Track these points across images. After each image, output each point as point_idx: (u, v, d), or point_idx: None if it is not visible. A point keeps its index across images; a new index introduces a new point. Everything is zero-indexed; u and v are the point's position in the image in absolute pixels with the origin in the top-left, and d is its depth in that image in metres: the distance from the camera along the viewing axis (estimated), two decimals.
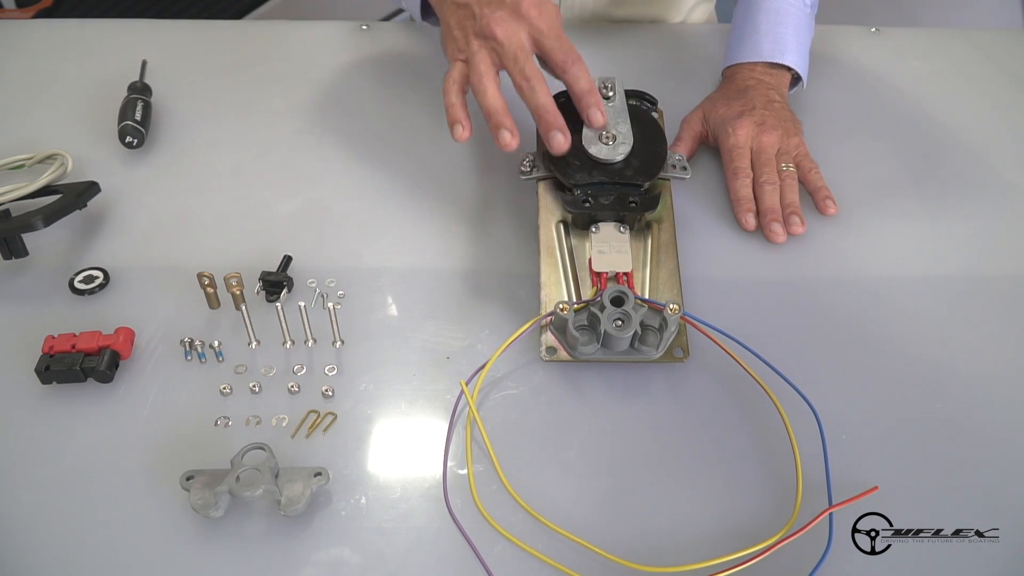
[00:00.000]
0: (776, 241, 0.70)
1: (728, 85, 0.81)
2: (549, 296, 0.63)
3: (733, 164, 0.74)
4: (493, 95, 0.62)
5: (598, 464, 0.57)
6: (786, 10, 0.81)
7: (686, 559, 0.51)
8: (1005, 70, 0.92)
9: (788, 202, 0.72)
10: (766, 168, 0.73)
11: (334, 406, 0.59)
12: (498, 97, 0.63)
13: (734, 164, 0.74)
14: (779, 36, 0.80)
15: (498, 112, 0.62)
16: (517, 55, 0.63)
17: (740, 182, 0.73)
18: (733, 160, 0.74)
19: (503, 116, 0.62)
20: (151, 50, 0.88)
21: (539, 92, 0.62)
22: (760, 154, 0.74)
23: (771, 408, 0.58)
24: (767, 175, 0.73)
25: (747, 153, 0.74)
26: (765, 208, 0.71)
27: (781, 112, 0.77)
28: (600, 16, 0.97)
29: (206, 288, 0.64)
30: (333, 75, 0.88)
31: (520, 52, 0.63)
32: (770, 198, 0.72)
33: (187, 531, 0.53)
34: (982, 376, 0.62)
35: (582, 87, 0.64)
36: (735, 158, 0.74)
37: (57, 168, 0.72)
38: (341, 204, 0.74)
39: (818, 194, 0.73)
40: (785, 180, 0.73)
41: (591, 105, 0.65)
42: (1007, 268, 0.70)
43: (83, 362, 0.59)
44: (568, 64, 0.64)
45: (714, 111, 0.78)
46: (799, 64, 0.81)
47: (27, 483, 0.55)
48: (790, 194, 0.72)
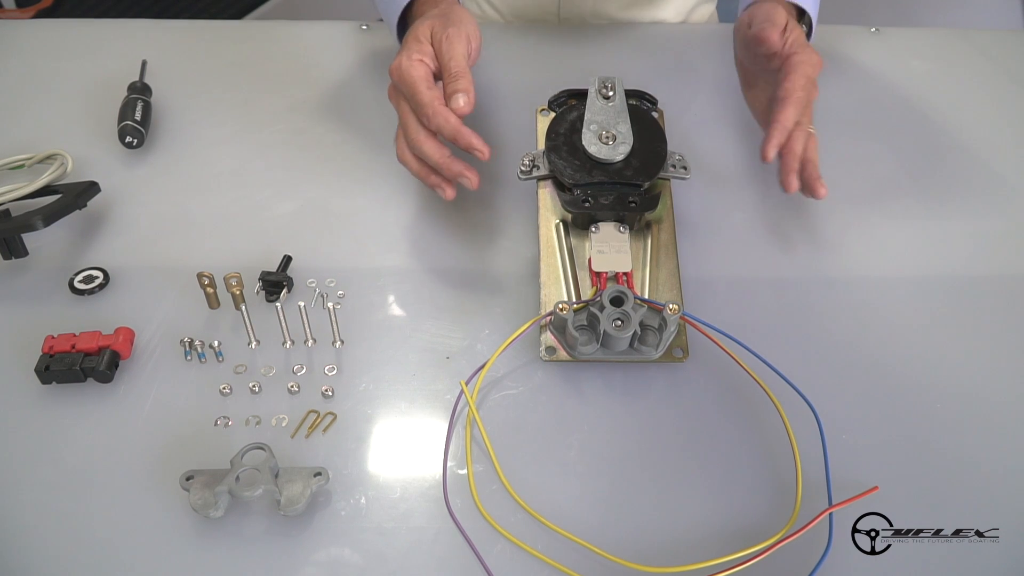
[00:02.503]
0: (791, 191, 0.66)
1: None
2: (549, 296, 0.63)
3: (797, 93, 0.66)
4: (431, 148, 0.64)
5: (598, 464, 0.57)
6: None
7: (686, 559, 0.51)
8: (1005, 70, 0.92)
9: (816, 162, 0.67)
10: (807, 117, 0.68)
11: (334, 406, 0.59)
12: (436, 148, 0.64)
13: (798, 93, 0.66)
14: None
15: (444, 161, 0.64)
16: (414, 103, 0.64)
17: (793, 111, 0.66)
18: (796, 89, 0.66)
19: (451, 163, 0.64)
20: (151, 50, 0.88)
21: (440, 126, 0.63)
22: (808, 102, 0.68)
23: (771, 408, 0.58)
24: (806, 121, 0.67)
25: (810, 90, 0.67)
26: (796, 153, 0.66)
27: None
28: (600, 16, 0.97)
29: (206, 288, 0.64)
30: (333, 75, 0.88)
31: (414, 103, 0.64)
32: (801, 144, 0.66)
33: (187, 531, 0.53)
34: (982, 376, 0.62)
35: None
36: (800, 87, 0.66)
37: (57, 168, 0.72)
38: (341, 204, 0.74)
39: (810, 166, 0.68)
40: (812, 140, 0.68)
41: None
42: (1007, 268, 0.70)
43: (83, 362, 0.59)
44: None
45: (760, 10, 0.71)
46: (812, 7, 0.76)
47: (27, 483, 0.55)
48: (816, 155, 0.67)
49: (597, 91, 0.69)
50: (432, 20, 0.68)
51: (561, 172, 0.66)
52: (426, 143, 0.64)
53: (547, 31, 0.95)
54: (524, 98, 0.80)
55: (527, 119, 0.77)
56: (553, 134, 0.69)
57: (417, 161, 0.67)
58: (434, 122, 0.63)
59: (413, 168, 0.67)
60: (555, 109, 0.73)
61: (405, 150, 0.67)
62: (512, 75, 0.86)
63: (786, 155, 0.66)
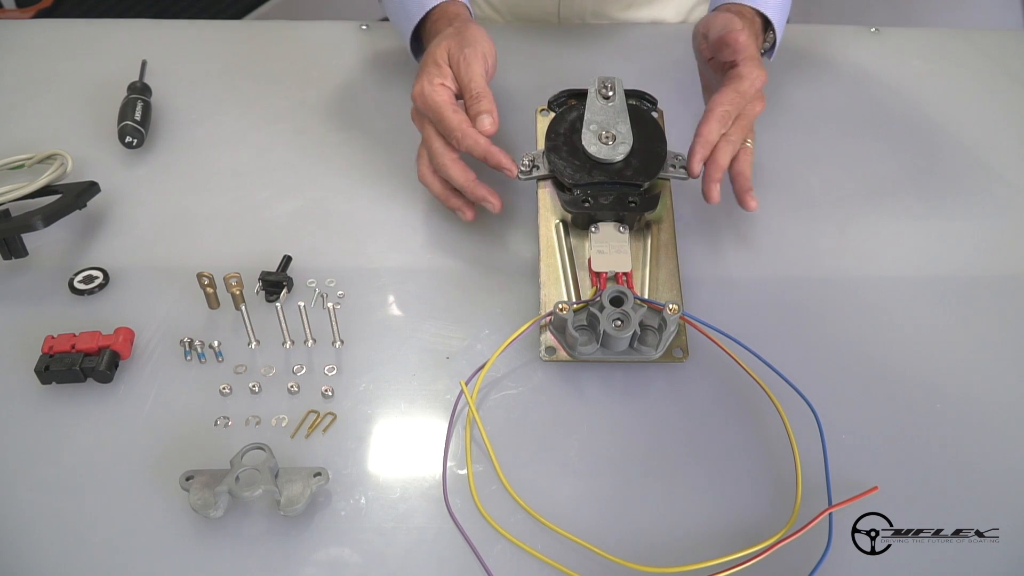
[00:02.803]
0: (710, 201, 0.66)
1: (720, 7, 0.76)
2: (549, 296, 0.63)
3: (723, 107, 0.67)
4: (457, 172, 0.66)
5: (598, 464, 0.57)
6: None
7: (686, 559, 0.51)
8: (1005, 70, 0.92)
9: (748, 175, 0.68)
10: (741, 131, 0.68)
11: (334, 406, 0.59)
12: (462, 172, 0.66)
13: (723, 107, 0.67)
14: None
15: (469, 184, 0.66)
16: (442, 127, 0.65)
17: (718, 125, 0.66)
18: (723, 103, 0.67)
19: (475, 187, 0.66)
20: (151, 50, 0.88)
21: (470, 147, 0.64)
22: (743, 118, 0.68)
23: (771, 408, 0.58)
24: (737, 135, 0.68)
25: (742, 103, 0.68)
26: (720, 164, 0.66)
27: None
28: (600, 16, 0.97)
29: (206, 288, 0.64)
30: (333, 75, 0.88)
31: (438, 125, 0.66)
32: (725, 156, 0.67)
33: (187, 531, 0.53)
34: (982, 375, 0.62)
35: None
36: (727, 101, 0.67)
37: (57, 168, 0.72)
38: (341, 204, 0.74)
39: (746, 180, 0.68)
40: (743, 155, 0.69)
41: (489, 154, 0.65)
42: (1007, 268, 0.70)
43: (83, 362, 0.59)
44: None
45: (717, 21, 0.71)
46: (778, 20, 0.77)
47: (27, 483, 0.55)
48: (748, 168, 0.68)
49: (597, 91, 0.69)
50: (448, 41, 0.69)
51: (561, 172, 0.66)
52: (453, 166, 0.66)
53: (547, 31, 0.95)
54: (524, 98, 0.80)
55: (527, 119, 0.77)
56: (553, 134, 0.69)
57: (440, 183, 0.69)
58: (464, 144, 0.64)
59: (436, 190, 0.69)
60: (555, 109, 0.73)
61: (428, 172, 0.69)
62: (512, 75, 0.86)
63: (709, 165, 0.67)
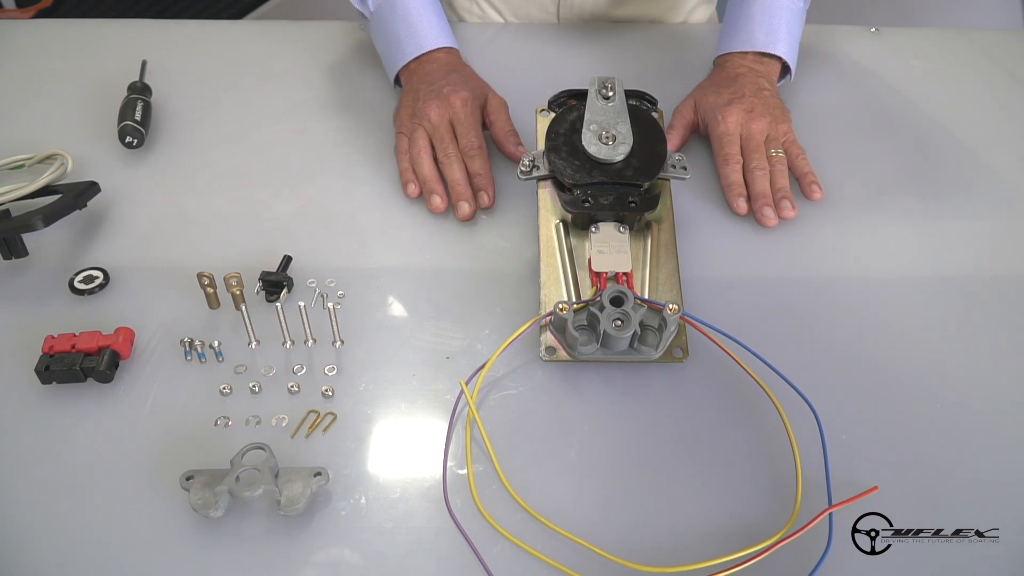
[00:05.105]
0: (768, 225, 0.71)
1: (718, 73, 0.82)
2: (549, 296, 0.63)
3: (724, 151, 0.75)
4: (428, 167, 0.74)
5: (598, 464, 0.57)
6: (780, 3, 0.82)
7: (686, 559, 0.51)
8: (1005, 70, 0.92)
9: (779, 187, 0.73)
10: (756, 154, 0.74)
11: (334, 406, 0.59)
12: (432, 169, 0.74)
13: (724, 151, 0.75)
14: (772, 27, 0.81)
15: (431, 181, 0.74)
16: (443, 136, 0.75)
17: (731, 168, 0.74)
18: (723, 147, 0.75)
19: (435, 184, 0.73)
20: (151, 50, 0.88)
21: (455, 167, 0.73)
22: (749, 140, 0.75)
23: (771, 408, 0.58)
24: (757, 161, 0.74)
25: (737, 140, 0.76)
26: (756, 193, 0.73)
27: (770, 100, 0.78)
28: (600, 16, 0.97)
29: (206, 288, 0.64)
30: (333, 75, 0.88)
31: (445, 133, 0.75)
32: (760, 183, 0.73)
33: (187, 531, 0.53)
34: (982, 376, 0.62)
35: (476, 170, 0.74)
36: (725, 144, 0.75)
37: (57, 168, 0.72)
38: (341, 204, 0.74)
39: (804, 179, 0.74)
40: (775, 166, 0.74)
41: (479, 188, 0.73)
42: (1007, 268, 0.70)
43: (83, 362, 0.59)
44: (467, 150, 0.74)
45: (704, 99, 0.79)
46: (789, 55, 0.82)
47: (27, 483, 0.55)
48: (780, 179, 0.73)
49: (597, 91, 0.69)
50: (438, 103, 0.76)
51: (561, 172, 0.66)
52: (427, 160, 0.74)
53: (547, 31, 0.95)
54: (524, 98, 0.80)
55: (527, 119, 0.77)
56: (553, 134, 0.69)
57: (408, 163, 0.75)
58: (449, 159, 0.74)
59: (403, 166, 0.75)
60: (555, 109, 0.73)
61: (403, 154, 0.75)
62: (512, 75, 0.86)
63: (754, 200, 0.73)
